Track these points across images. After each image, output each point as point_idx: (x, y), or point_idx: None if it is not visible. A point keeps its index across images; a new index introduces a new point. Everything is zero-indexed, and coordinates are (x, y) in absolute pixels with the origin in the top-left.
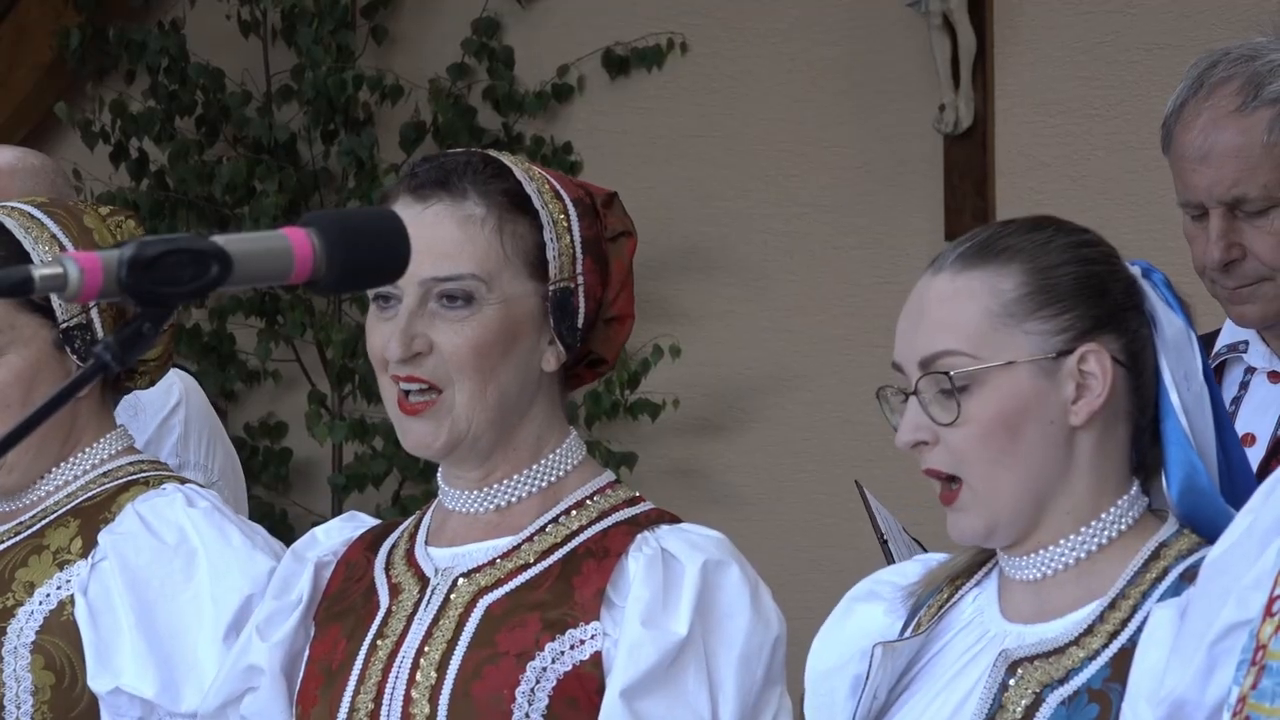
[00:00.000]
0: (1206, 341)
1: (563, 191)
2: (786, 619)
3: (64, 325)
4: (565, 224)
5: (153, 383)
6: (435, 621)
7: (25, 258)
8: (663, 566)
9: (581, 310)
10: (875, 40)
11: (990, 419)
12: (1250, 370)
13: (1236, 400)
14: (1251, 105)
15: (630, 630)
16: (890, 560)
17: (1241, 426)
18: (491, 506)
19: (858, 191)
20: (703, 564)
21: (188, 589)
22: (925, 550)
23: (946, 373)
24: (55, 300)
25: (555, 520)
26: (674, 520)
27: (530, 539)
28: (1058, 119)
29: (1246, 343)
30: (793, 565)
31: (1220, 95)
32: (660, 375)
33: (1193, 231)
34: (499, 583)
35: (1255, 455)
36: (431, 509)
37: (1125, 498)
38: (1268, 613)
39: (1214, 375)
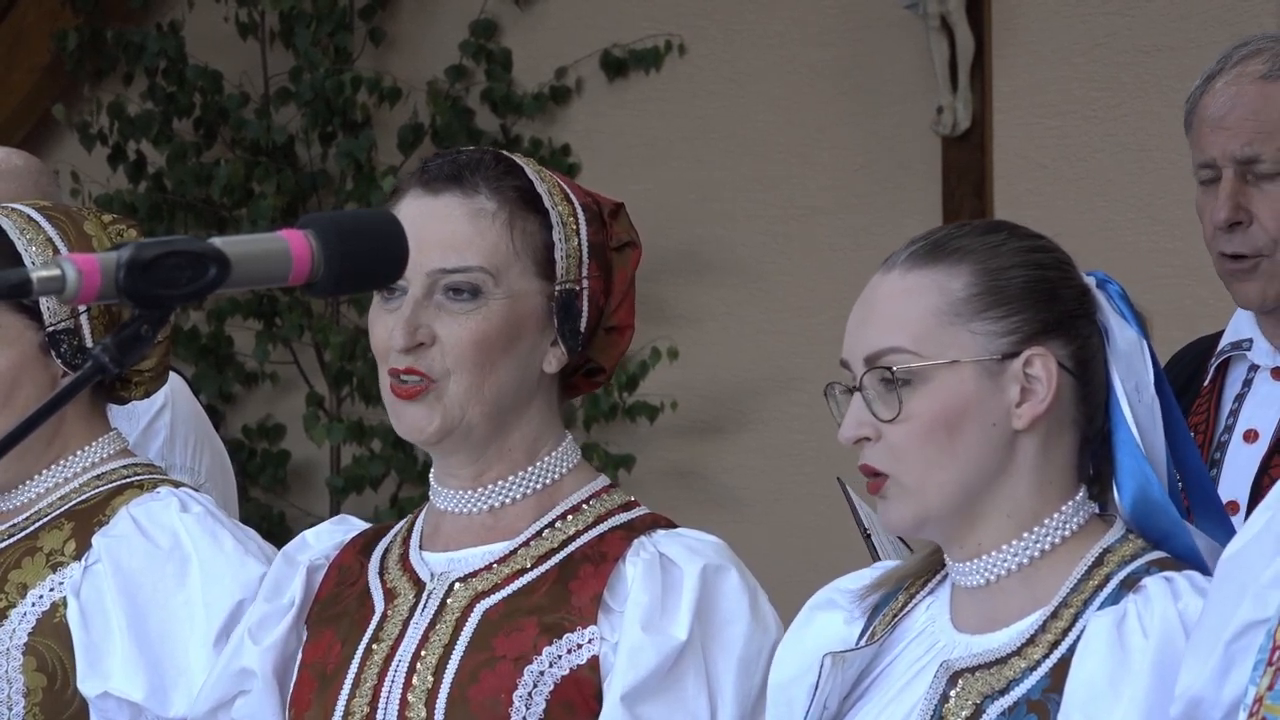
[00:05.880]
0: (1210, 342)
1: (572, 195)
2: (783, 620)
3: (51, 328)
4: (574, 226)
5: (148, 394)
6: (432, 626)
7: (18, 260)
8: (661, 571)
9: (585, 314)
10: (873, 42)
11: (931, 416)
12: (1254, 368)
13: (1240, 397)
14: (1278, 74)
15: (630, 635)
16: (875, 556)
17: (1244, 423)
18: (485, 508)
19: (856, 193)
20: (702, 569)
21: (180, 594)
22: (908, 546)
23: (889, 368)
24: (44, 302)
25: (551, 525)
26: (670, 525)
27: (526, 544)
28: (1056, 121)
29: (1250, 340)
30: (790, 566)
31: (1247, 64)
32: (658, 377)
33: (1203, 202)
34: (496, 587)
35: (1258, 451)
36: (423, 512)
37: (1070, 504)
38: None
39: (1195, 382)
